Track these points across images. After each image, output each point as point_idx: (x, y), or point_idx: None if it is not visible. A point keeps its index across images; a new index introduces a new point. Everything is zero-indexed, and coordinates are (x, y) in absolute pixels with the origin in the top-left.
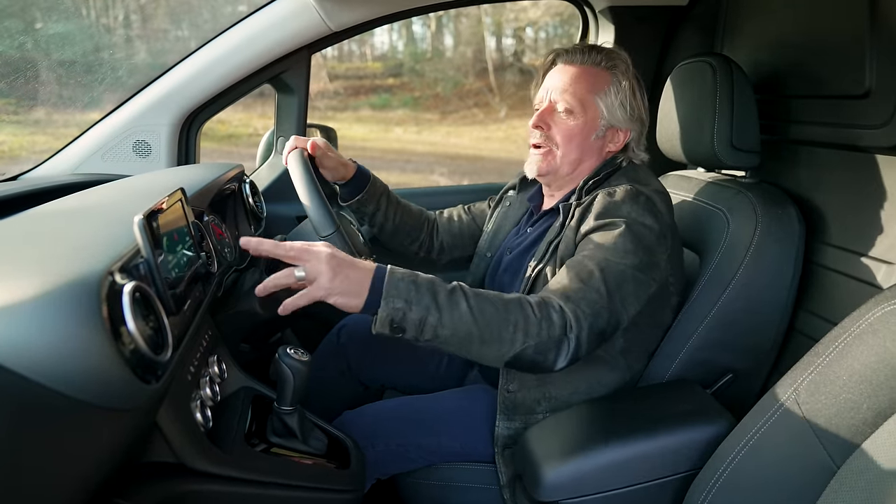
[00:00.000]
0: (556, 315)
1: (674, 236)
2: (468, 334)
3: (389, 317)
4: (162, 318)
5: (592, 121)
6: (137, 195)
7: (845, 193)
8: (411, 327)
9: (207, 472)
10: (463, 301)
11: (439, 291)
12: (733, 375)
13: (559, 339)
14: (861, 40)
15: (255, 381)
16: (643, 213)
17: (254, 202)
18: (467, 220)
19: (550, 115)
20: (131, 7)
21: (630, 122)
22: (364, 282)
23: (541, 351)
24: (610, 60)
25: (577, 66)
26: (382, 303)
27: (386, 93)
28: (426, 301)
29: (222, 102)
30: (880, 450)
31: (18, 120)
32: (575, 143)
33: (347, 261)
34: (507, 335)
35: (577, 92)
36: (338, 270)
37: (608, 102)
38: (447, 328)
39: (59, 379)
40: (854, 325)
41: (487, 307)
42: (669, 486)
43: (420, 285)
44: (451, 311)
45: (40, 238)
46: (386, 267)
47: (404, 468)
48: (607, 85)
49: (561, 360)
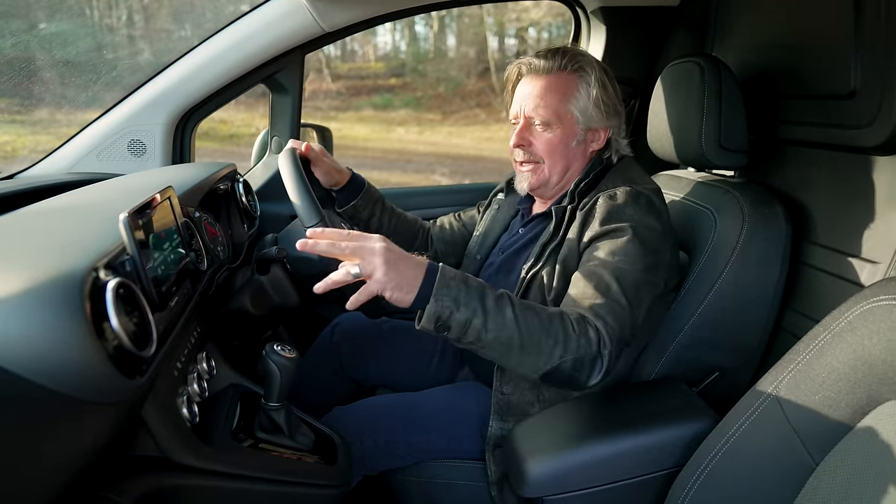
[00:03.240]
0: (592, 332)
1: (673, 233)
2: (509, 340)
3: (437, 314)
4: (147, 314)
5: (570, 128)
6: (128, 193)
7: (832, 193)
8: (456, 327)
9: (193, 466)
10: (509, 308)
11: (488, 296)
12: (720, 374)
13: (594, 356)
14: (846, 41)
15: (245, 378)
16: (646, 215)
17: (247, 201)
18: (459, 227)
19: (529, 131)
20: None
21: (608, 119)
22: (417, 277)
23: (577, 367)
24: (574, 62)
25: (544, 77)
26: (432, 300)
27: (388, 93)
28: (474, 304)
29: (216, 102)
30: (857, 447)
31: (22, 120)
32: (558, 153)
33: (401, 255)
34: (546, 347)
35: (549, 104)
36: (392, 264)
37: (581, 107)
38: (491, 332)
39: (42, 372)
40: (834, 323)
41: (531, 317)
42: (653, 483)
43: (470, 287)
44: (496, 317)
45: (30, 235)
46: (438, 265)
47: (393, 465)
48: (577, 89)
49: (595, 376)
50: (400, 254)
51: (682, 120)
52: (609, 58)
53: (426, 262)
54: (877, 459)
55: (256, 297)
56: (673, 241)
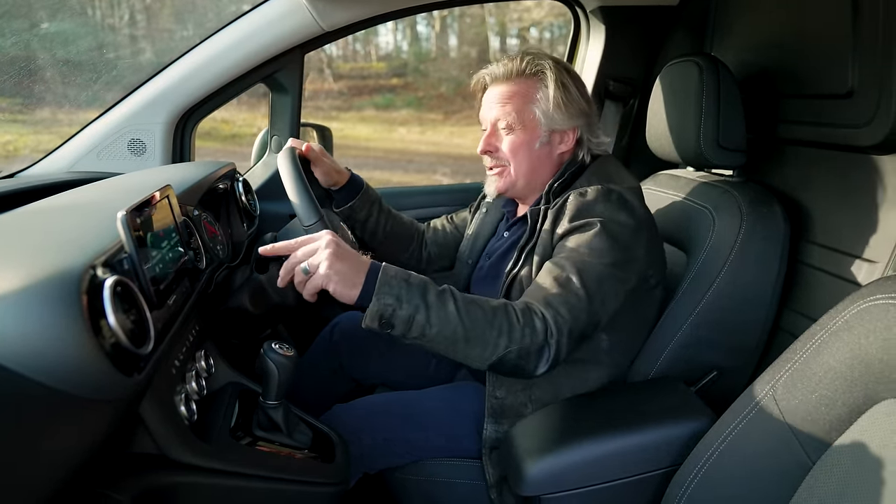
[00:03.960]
0: (538, 322)
1: (650, 229)
2: (454, 334)
3: (379, 312)
4: (144, 312)
5: (532, 131)
6: (127, 192)
7: (831, 192)
8: (400, 324)
9: (190, 463)
10: (451, 302)
11: (430, 291)
12: (718, 373)
13: (541, 345)
14: (844, 40)
15: (244, 377)
16: (616, 211)
17: (246, 200)
18: (451, 230)
19: (494, 137)
20: (136, 7)
21: (572, 120)
22: (360, 274)
23: (523, 356)
24: (534, 66)
25: (505, 83)
26: (374, 298)
27: (390, 93)
28: (416, 300)
29: (216, 101)
30: (853, 446)
31: (24, 119)
32: (522, 155)
33: (348, 251)
34: (490, 339)
35: (512, 109)
36: (337, 257)
37: (543, 108)
38: (435, 327)
39: (39, 369)
40: (831, 322)
41: (474, 310)
42: (650, 482)
43: (412, 285)
44: (439, 311)
45: (29, 233)
46: (381, 264)
47: (391, 463)
48: (537, 92)
49: (542, 365)
50: (347, 250)
51: (681, 119)
52: (608, 57)
53: (369, 262)
54: (873, 458)
55: (255, 295)
56: (651, 237)
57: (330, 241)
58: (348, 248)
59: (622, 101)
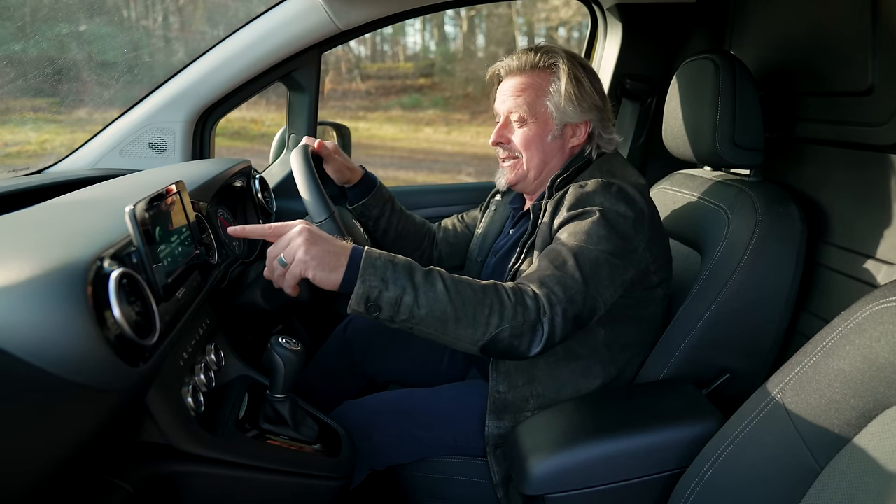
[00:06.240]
0: (529, 300)
1: (652, 224)
2: (443, 314)
3: (366, 294)
4: (150, 304)
5: (545, 123)
6: (141, 188)
7: (849, 192)
8: (387, 306)
9: (194, 453)
10: (440, 282)
11: (416, 271)
12: (731, 375)
13: (534, 323)
14: (864, 37)
15: (254, 371)
16: (616, 202)
17: (263, 197)
18: (462, 229)
19: (507, 128)
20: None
21: (584, 114)
22: (341, 257)
23: (516, 335)
24: (548, 59)
25: (518, 76)
26: (359, 281)
27: (417, 93)
28: (403, 280)
29: (235, 100)
30: (863, 451)
31: (62, 119)
32: (534, 147)
33: (323, 236)
34: (482, 318)
35: (524, 101)
36: (313, 242)
37: (555, 101)
38: (423, 308)
39: (46, 358)
40: (843, 325)
41: (464, 288)
42: (655, 484)
43: (397, 265)
44: (427, 291)
45: (44, 227)
46: (363, 247)
47: (399, 460)
48: (550, 85)
49: (536, 344)
50: (321, 234)
51: (697, 118)
52: (625, 55)
53: (350, 246)
54: (883, 465)
55: (267, 291)
56: (654, 233)
57: (303, 229)
58: (323, 232)
59: (639, 100)
